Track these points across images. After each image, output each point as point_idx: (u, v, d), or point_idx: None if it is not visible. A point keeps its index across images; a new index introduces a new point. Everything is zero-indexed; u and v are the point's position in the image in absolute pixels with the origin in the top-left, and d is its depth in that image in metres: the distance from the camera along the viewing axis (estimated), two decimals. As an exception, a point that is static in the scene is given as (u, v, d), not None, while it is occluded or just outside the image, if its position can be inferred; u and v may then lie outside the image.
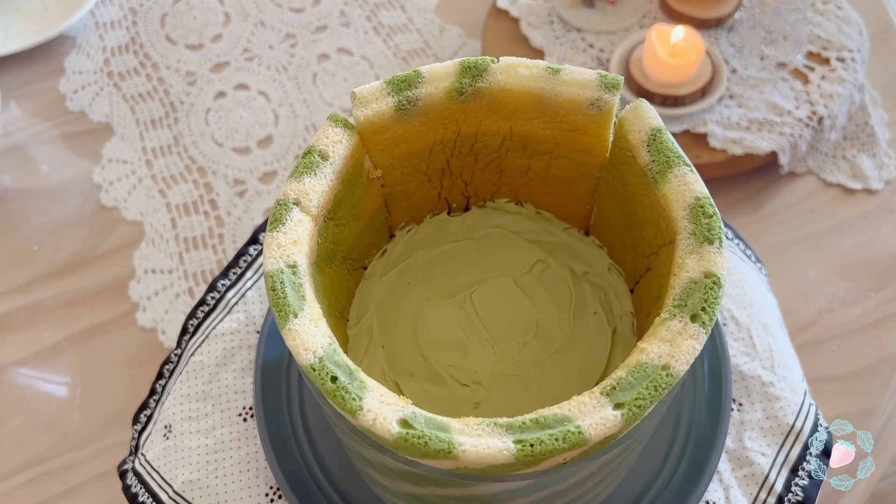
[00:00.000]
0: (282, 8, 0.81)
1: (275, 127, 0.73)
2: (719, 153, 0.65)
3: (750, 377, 0.49)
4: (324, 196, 0.39)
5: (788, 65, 0.70)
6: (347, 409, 0.32)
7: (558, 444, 0.31)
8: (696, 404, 0.47)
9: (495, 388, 0.41)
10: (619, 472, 0.42)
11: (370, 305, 0.44)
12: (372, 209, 0.44)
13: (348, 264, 0.44)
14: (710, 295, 0.34)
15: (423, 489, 0.37)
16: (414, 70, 0.41)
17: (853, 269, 0.63)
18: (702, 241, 0.36)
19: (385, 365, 0.42)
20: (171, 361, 0.53)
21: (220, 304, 0.53)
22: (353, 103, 0.40)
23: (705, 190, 0.37)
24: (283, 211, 0.37)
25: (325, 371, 0.33)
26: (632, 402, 0.32)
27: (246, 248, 0.55)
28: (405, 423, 0.32)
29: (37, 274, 0.65)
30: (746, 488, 0.46)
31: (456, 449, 0.31)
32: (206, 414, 0.49)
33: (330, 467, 0.46)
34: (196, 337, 0.52)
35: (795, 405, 0.48)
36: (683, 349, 0.33)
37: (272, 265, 0.36)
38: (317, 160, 0.39)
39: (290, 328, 0.34)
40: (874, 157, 0.69)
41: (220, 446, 0.48)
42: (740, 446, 0.47)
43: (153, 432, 0.50)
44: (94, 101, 0.75)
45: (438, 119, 0.41)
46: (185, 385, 0.50)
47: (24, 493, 0.55)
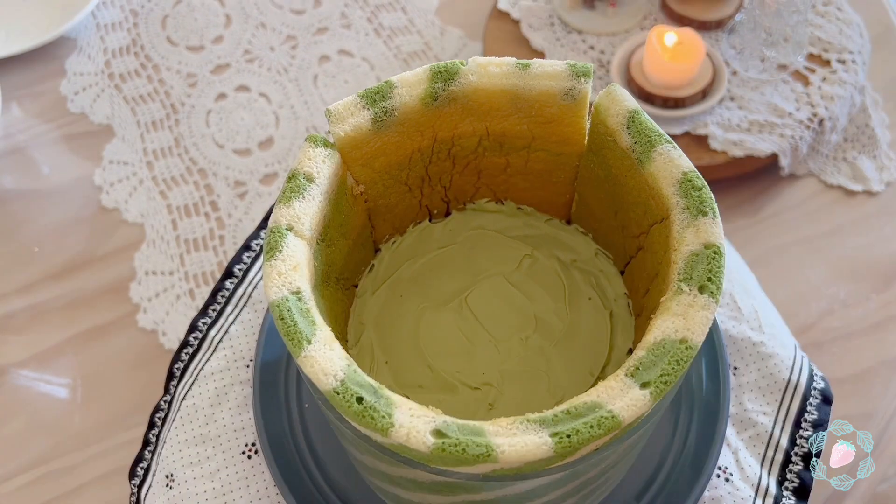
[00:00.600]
0: (283, 9, 0.81)
1: (275, 128, 0.73)
2: (720, 155, 0.65)
3: (740, 339, 0.50)
4: (315, 218, 0.38)
5: (789, 67, 0.70)
6: (378, 428, 0.32)
7: (594, 430, 0.31)
8: (696, 373, 0.48)
9: (506, 387, 0.41)
10: (638, 449, 0.42)
11: (366, 323, 0.44)
12: (358, 226, 0.44)
13: (341, 284, 0.43)
14: (713, 265, 0.35)
15: (453, 497, 0.37)
16: (385, 81, 0.41)
17: (854, 271, 0.63)
18: (696, 213, 0.36)
19: (392, 381, 0.42)
20: (162, 409, 0.52)
21: (203, 343, 0.52)
22: (330, 121, 0.40)
23: (691, 164, 0.38)
24: (277, 238, 0.36)
25: (350, 393, 0.33)
26: (657, 380, 0.32)
27: (221, 282, 0.54)
28: (439, 434, 0.31)
29: (37, 275, 0.65)
30: (754, 448, 0.47)
31: (495, 451, 0.31)
32: (207, 457, 0.48)
33: (344, 490, 0.46)
34: (184, 380, 0.51)
35: (788, 360, 0.49)
36: (697, 320, 0.34)
37: (276, 294, 0.35)
38: (303, 183, 0.38)
39: (305, 356, 0.33)
40: (875, 158, 0.69)
41: (227, 488, 0.47)
42: (741, 409, 0.48)
43: (154, 484, 0.49)
44: (95, 102, 0.75)
45: (415, 127, 0.41)
46: (182, 431, 0.49)
47: (25, 495, 0.55)
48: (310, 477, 0.46)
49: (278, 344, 0.50)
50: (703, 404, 0.47)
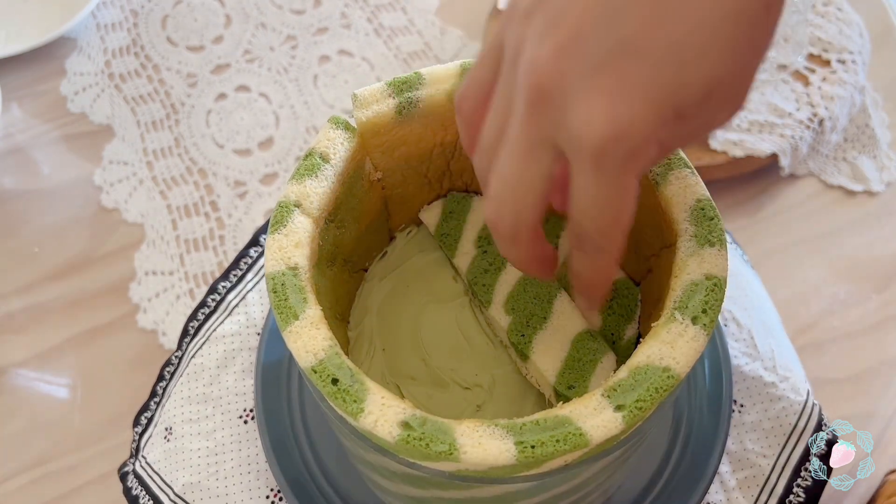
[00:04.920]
0: (283, 10, 0.81)
1: (276, 128, 0.73)
2: (720, 155, 0.65)
3: (751, 378, 0.49)
4: (325, 198, 0.39)
5: (789, 67, 0.70)
6: (349, 412, 0.32)
7: (559, 445, 0.31)
8: (697, 405, 0.47)
9: (496, 391, 0.41)
10: (621, 473, 0.42)
11: (370, 308, 0.44)
12: (373, 212, 0.44)
13: (349, 267, 0.44)
14: (711, 297, 0.34)
15: (424, 492, 0.37)
16: (415, 72, 0.41)
17: (854, 271, 0.63)
18: (703, 243, 0.36)
19: (385, 368, 0.42)
20: (172, 363, 0.52)
21: (220, 306, 0.53)
22: (354, 105, 0.40)
23: (706, 192, 0.37)
24: (284, 213, 0.37)
25: (327, 373, 0.33)
26: (633, 405, 0.32)
27: (246, 250, 0.55)
28: (406, 426, 0.32)
29: (37, 275, 0.65)
30: (748, 490, 0.46)
31: (457, 451, 0.31)
32: (206, 416, 0.49)
33: (331, 470, 0.46)
34: (197, 339, 0.52)
35: (798, 406, 0.48)
36: (684, 351, 0.33)
37: (273, 267, 0.36)
38: (318, 162, 0.39)
39: (291, 330, 0.34)
40: (875, 158, 0.69)
41: (220, 448, 0.48)
42: (741, 448, 0.47)
43: (154, 434, 0.50)
44: (95, 102, 0.75)
45: (439, 121, 0.41)
46: (186, 387, 0.50)
47: (25, 495, 0.55)
48: (299, 451, 0.47)
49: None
50: (699, 437, 0.46)
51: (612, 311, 0.42)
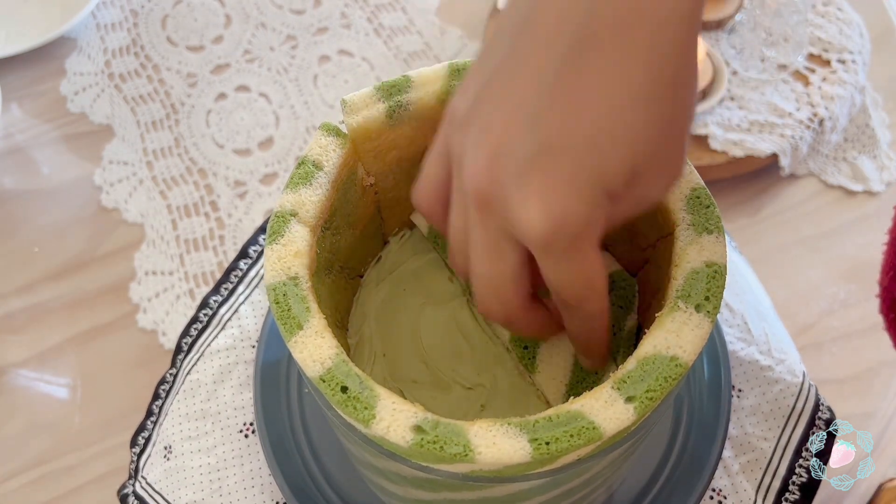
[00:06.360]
0: (283, 9, 0.81)
1: (275, 128, 0.73)
2: (720, 155, 0.65)
3: (748, 362, 0.49)
4: (320, 206, 0.38)
5: (789, 66, 0.70)
6: (359, 419, 0.32)
7: (574, 440, 0.31)
8: (697, 393, 0.48)
9: (499, 389, 0.41)
10: (628, 464, 0.42)
11: (368, 314, 0.44)
12: (366, 217, 0.44)
13: (346, 273, 0.43)
14: (712, 284, 0.34)
15: (436, 494, 0.37)
16: (403, 75, 0.41)
17: (854, 271, 0.63)
18: (701, 231, 0.36)
19: (387, 373, 0.42)
20: (167, 381, 0.52)
21: (213, 320, 0.53)
22: (344, 111, 0.40)
23: (701, 180, 0.37)
24: (281, 223, 0.37)
25: (335, 381, 0.33)
26: (643, 395, 0.32)
27: (236, 262, 0.55)
28: (419, 429, 0.31)
29: (37, 275, 0.65)
30: (751, 473, 0.47)
31: (472, 452, 0.31)
32: (206, 432, 0.48)
33: (335, 478, 0.46)
34: (191, 355, 0.52)
35: (795, 387, 0.48)
36: (690, 339, 0.33)
37: (274, 278, 0.35)
38: (311, 170, 0.39)
39: (296, 341, 0.34)
40: (875, 158, 0.69)
41: (222, 464, 0.47)
42: (742, 432, 0.48)
43: (153, 454, 0.49)
44: (95, 102, 0.75)
45: (429, 124, 0.41)
46: (183, 404, 0.49)
47: (25, 495, 0.55)
48: (302, 461, 0.46)
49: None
50: (702, 424, 0.47)
51: (611, 303, 0.42)
